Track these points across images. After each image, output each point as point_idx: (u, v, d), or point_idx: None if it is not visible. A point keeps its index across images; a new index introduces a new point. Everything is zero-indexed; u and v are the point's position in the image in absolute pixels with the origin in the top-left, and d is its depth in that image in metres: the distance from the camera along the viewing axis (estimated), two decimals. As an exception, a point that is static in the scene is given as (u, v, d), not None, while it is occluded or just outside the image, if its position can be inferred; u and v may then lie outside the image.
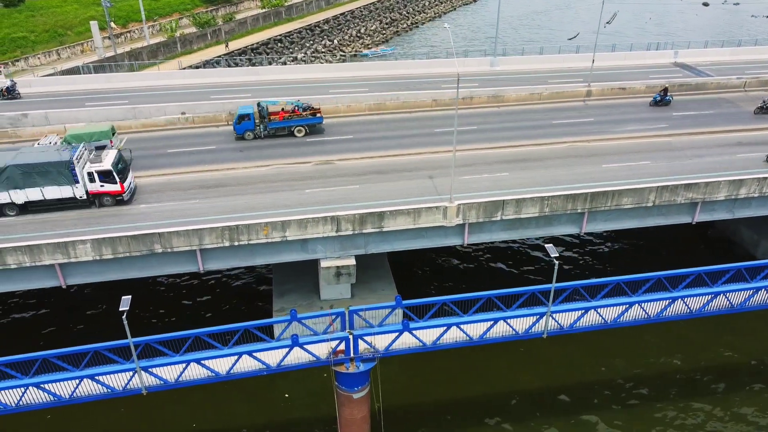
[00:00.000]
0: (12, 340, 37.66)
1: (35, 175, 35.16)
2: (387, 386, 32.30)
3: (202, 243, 33.14)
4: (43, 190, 35.51)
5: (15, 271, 32.65)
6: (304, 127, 45.75)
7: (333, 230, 34.20)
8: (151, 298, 42.01)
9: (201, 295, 42.59)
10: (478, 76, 58.11)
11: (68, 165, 35.31)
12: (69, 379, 27.22)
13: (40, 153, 36.73)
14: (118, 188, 36.39)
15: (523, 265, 45.80)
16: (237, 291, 43.25)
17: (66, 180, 35.55)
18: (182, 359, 27.74)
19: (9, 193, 35.24)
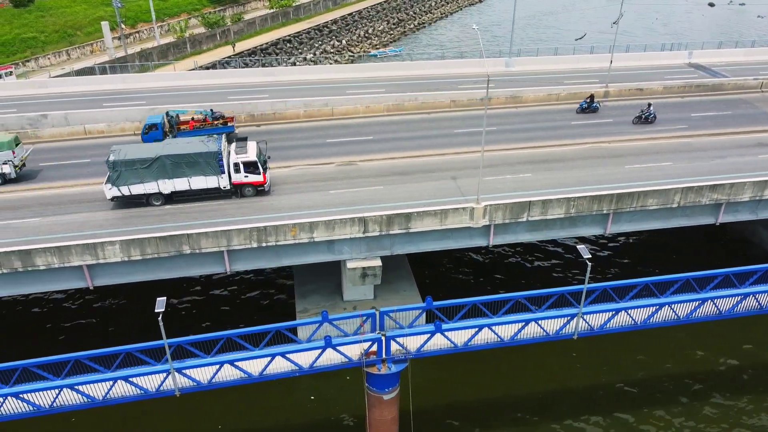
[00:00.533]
0: (41, 342, 37.73)
1: (184, 166, 36.15)
2: (413, 387, 32.27)
3: (231, 244, 33.14)
4: (190, 180, 36.50)
5: (43, 273, 32.64)
6: None
7: (360, 231, 34.20)
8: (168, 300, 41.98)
9: (218, 296, 42.60)
10: (494, 77, 57.89)
11: (216, 156, 36.12)
12: (102, 381, 27.20)
13: (186, 144, 37.64)
14: (260, 179, 37.37)
15: (542, 264, 45.82)
16: (255, 291, 43.19)
17: (212, 170, 36.47)
18: (216, 360, 27.74)
19: (158, 182, 36.18)
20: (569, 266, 45.23)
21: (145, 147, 37.80)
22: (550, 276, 44.27)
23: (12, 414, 27.13)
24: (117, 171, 35.68)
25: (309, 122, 48.78)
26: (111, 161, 35.72)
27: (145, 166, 35.75)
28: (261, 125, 47.87)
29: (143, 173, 35.80)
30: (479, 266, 45.69)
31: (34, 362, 26.90)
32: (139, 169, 35.61)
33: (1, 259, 31.21)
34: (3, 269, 31.52)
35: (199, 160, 36.17)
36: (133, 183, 35.89)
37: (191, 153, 36.18)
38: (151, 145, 38.37)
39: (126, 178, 35.82)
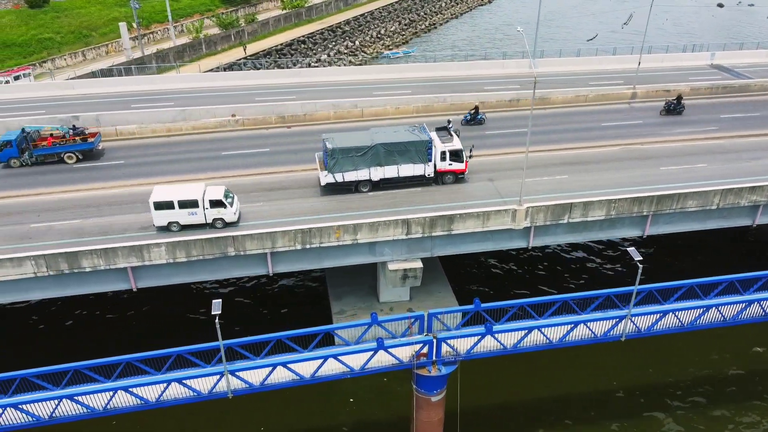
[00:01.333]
0: (82, 345, 37.79)
1: (396, 154, 37.39)
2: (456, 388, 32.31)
3: (275, 246, 33.16)
4: (399, 167, 37.65)
5: (89, 275, 32.66)
6: (75, 154, 42.29)
7: (403, 233, 34.23)
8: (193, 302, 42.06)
9: (245, 299, 42.69)
10: (519, 78, 58.23)
11: (428, 144, 36.99)
12: (157, 383, 27.27)
13: (393, 133, 38.68)
14: (462, 167, 38.69)
15: (572, 265, 45.92)
16: (285, 293, 43.23)
17: (421, 158, 37.62)
18: (269, 362, 27.85)
19: (370, 170, 37.34)
20: (585, 267, 45.44)
21: (355, 136, 38.78)
22: (575, 278, 44.39)
23: (67, 416, 27.18)
24: (334, 158, 36.83)
25: (339, 123, 48.75)
26: (329, 149, 36.75)
27: (360, 154, 36.97)
28: (291, 126, 47.86)
29: (358, 161, 37.03)
30: (509, 267, 45.73)
31: (85, 364, 27.01)
32: (354, 157, 36.79)
33: (49, 261, 31.23)
34: (50, 271, 31.54)
35: (411, 148, 37.42)
36: (348, 170, 37.08)
37: (405, 141, 37.44)
38: (360, 134, 39.28)
39: (342, 166, 36.98)
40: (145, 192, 38.47)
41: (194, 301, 42.04)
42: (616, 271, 45.91)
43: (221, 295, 42.08)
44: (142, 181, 40.02)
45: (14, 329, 39.71)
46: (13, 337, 38.98)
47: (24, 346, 37.83)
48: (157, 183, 39.47)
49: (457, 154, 38.29)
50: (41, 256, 31.11)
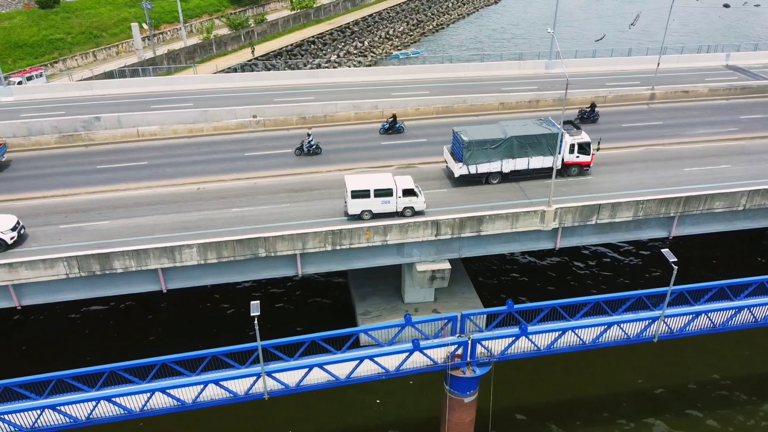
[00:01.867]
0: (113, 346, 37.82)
1: (527, 146, 38.22)
2: (485, 389, 32.32)
3: (305, 247, 33.22)
4: (530, 159, 38.51)
5: (119, 276, 32.72)
6: None
7: (432, 234, 34.30)
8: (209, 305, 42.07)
9: (269, 300, 42.59)
10: (536, 79, 58.31)
11: (559, 137, 37.18)
12: (194, 384, 27.27)
13: (523, 126, 39.53)
14: (588, 159, 39.64)
15: (590, 266, 45.93)
16: (308, 294, 43.16)
17: (550, 151, 38.22)
18: (306, 363, 27.85)
19: (502, 162, 38.12)
20: (605, 267, 45.51)
21: (486, 129, 39.30)
22: (595, 279, 44.38)
23: (105, 417, 27.17)
24: (470, 151, 37.58)
25: (359, 124, 48.84)
26: (466, 141, 37.46)
27: (495, 147, 37.75)
28: (312, 127, 47.86)
29: (491, 153, 37.76)
30: (530, 268, 45.76)
31: (121, 366, 27.01)
32: (488, 149, 37.51)
33: (81, 262, 31.27)
34: (81, 272, 31.57)
35: (543, 141, 38.10)
36: (482, 162, 37.87)
37: (538, 134, 38.16)
38: (490, 126, 40.01)
39: (476, 158, 37.80)
40: (170, 193, 38.77)
41: (208, 302, 41.88)
42: (634, 270, 45.83)
43: (237, 296, 42.01)
44: (167, 182, 40.04)
45: (47, 330, 39.60)
46: (46, 338, 38.88)
47: (57, 348, 37.63)
48: (182, 184, 39.69)
49: (585, 146, 39.26)
50: (73, 258, 31.15)
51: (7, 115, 49.52)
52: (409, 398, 35.91)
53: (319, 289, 43.55)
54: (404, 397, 35.86)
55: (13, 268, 30.76)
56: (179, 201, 37.85)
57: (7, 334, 39.01)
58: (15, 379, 25.90)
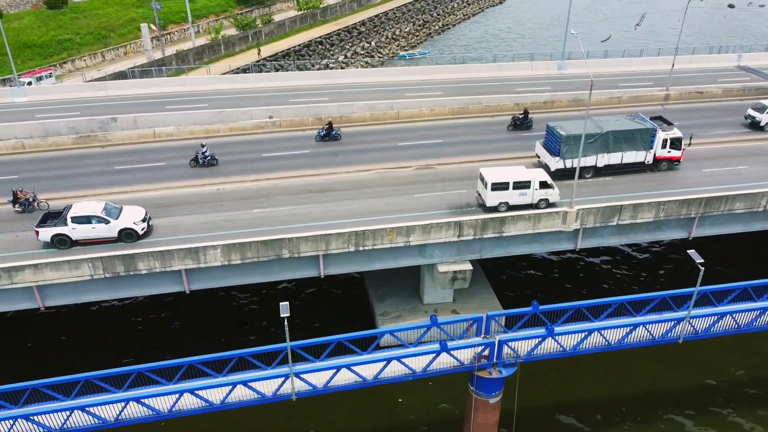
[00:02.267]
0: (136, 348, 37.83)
1: (622, 141, 39.11)
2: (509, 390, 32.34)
3: (329, 248, 33.25)
4: (623, 154, 39.42)
5: (142, 277, 32.73)
6: None
7: (455, 235, 34.34)
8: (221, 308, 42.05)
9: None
10: (549, 80, 58.37)
11: (653, 132, 38.64)
12: (222, 386, 27.27)
13: (615, 121, 40.43)
14: (679, 154, 40.56)
15: (605, 266, 45.96)
16: (324, 295, 43.11)
17: (644, 146, 39.43)
18: (334, 364, 27.87)
19: (597, 156, 39.14)
20: (621, 268, 45.55)
21: (580, 124, 39.19)
22: (612, 279, 44.43)
23: (133, 418, 27.20)
24: (567, 145, 38.33)
25: (375, 125, 48.87)
26: (564, 136, 38.22)
27: (591, 141, 38.16)
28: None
29: (587, 148, 37.90)
30: (545, 267, 45.77)
31: (149, 367, 27.04)
32: (585, 144, 37.32)
33: (105, 263, 31.29)
34: (106, 273, 31.60)
35: (637, 136, 39.09)
36: (577, 156, 37.46)
37: (633, 129, 39.06)
38: (582, 122, 39.80)
39: (573, 152, 38.17)
40: (190, 194, 38.76)
41: (219, 304, 41.81)
42: (649, 269, 45.81)
43: (253, 298, 42.02)
44: (187, 183, 40.06)
45: (68, 331, 39.54)
46: (70, 339, 38.83)
47: (77, 349, 37.58)
48: (202, 185, 39.69)
49: (677, 142, 39.94)
50: (98, 258, 31.18)
51: (22, 115, 49.54)
52: (430, 398, 35.93)
53: (335, 290, 43.53)
54: (426, 396, 35.88)
55: (38, 269, 30.78)
56: (200, 202, 37.87)
57: (30, 335, 38.96)
58: (43, 380, 25.93)
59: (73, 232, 32.59)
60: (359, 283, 43.29)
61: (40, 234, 32.51)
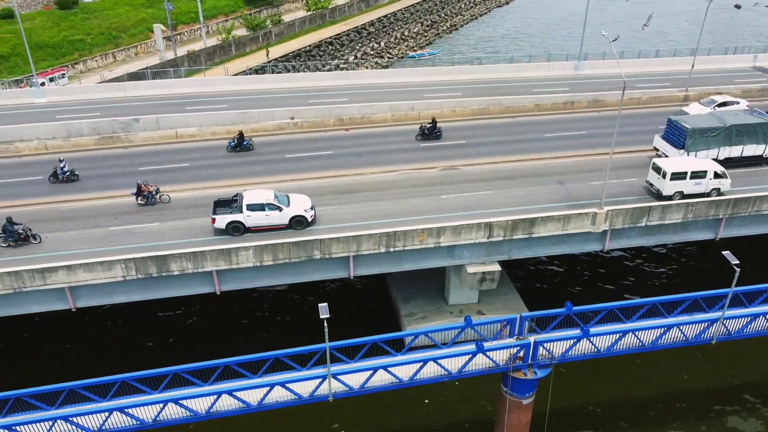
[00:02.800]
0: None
1: (744, 135, 40.10)
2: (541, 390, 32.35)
3: (360, 249, 33.28)
4: (744, 148, 40.59)
5: (174, 278, 32.74)
6: None
7: (485, 236, 34.36)
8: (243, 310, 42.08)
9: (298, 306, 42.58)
10: (566, 80, 58.45)
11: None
12: (261, 387, 27.30)
13: (735, 116, 41.42)
14: None
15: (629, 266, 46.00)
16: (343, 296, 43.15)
17: (764, 139, 40.46)
18: (371, 365, 27.90)
19: (719, 150, 40.32)
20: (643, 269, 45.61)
21: (704, 118, 40.95)
22: (636, 279, 44.47)
23: (171, 420, 27.22)
24: (692, 138, 39.60)
25: (397, 126, 48.91)
26: (689, 129, 39.39)
27: (714, 135, 39.52)
28: (350, 129, 47.99)
29: (711, 141, 39.51)
30: (568, 269, 45.79)
31: (187, 368, 27.06)
32: (708, 137, 39.23)
33: (138, 264, 31.31)
34: (138, 274, 31.62)
35: (758, 129, 40.04)
36: (701, 149, 39.54)
37: (755, 123, 40.05)
38: (706, 116, 41.90)
39: (697, 145, 39.59)
40: (216, 195, 38.57)
41: (238, 305, 41.69)
42: (674, 268, 45.90)
43: (272, 299, 42.05)
44: (212, 184, 40.08)
45: (93, 334, 39.57)
46: (87, 341, 38.90)
47: (111, 351, 37.71)
48: (228, 186, 39.69)
49: None
50: (131, 260, 31.18)
51: (43, 116, 49.55)
52: (458, 399, 35.90)
53: (356, 291, 43.47)
54: (454, 397, 35.87)
55: (72, 270, 30.78)
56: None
57: (64, 336, 38.93)
58: (80, 381, 25.76)
59: (248, 219, 33.96)
60: (378, 285, 43.18)
61: (216, 221, 33.84)
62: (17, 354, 37.45)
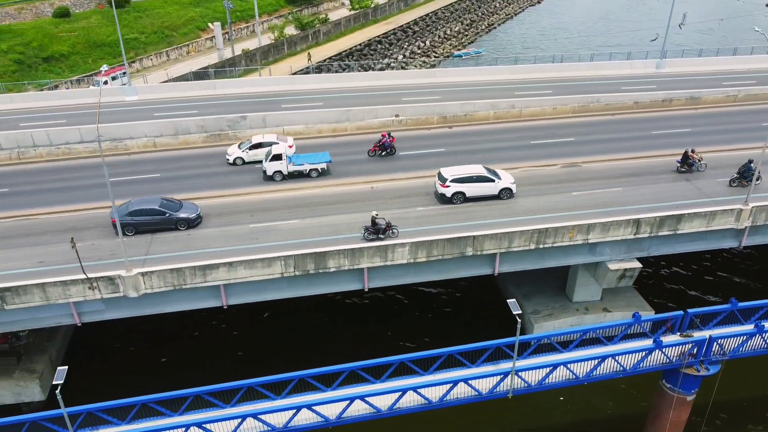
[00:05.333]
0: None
1: None
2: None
3: (510, 246, 33.18)
4: None
5: (325, 275, 32.60)
6: None
7: (632, 233, 34.28)
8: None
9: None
10: (651, 78, 58.39)
11: None
12: (443, 384, 27.15)
13: None
14: None
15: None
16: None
17: None
18: (553, 362, 27.84)
19: None
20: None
21: None
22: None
23: (355, 417, 27.04)
24: None
25: (499, 124, 48.80)
26: None
27: None
28: (453, 126, 47.87)
29: None
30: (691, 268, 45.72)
31: (361, 365, 26.86)
32: None
33: (297, 261, 31.16)
34: (296, 271, 31.47)
35: None
36: None
37: None
38: None
39: None
40: (343, 192, 38.63)
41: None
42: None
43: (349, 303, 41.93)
44: (336, 182, 39.94)
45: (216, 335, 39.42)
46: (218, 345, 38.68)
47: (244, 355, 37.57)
48: (353, 183, 39.57)
49: None
50: (290, 257, 31.04)
51: (141, 114, 49.29)
52: (609, 394, 35.60)
53: (460, 293, 43.11)
54: (607, 392, 35.61)
55: (233, 267, 30.65)
56: (356, 201, 37.65)
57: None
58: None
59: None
60: (478, 286, 42.79)
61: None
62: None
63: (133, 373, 35.16)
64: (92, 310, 31.36)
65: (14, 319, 30.84)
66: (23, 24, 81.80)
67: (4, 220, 35.97)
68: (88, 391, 29.88)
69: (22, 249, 32.96)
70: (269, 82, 56.06)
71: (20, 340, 35.99)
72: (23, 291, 29.21)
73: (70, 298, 29.93)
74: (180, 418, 25.48)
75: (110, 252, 32.34)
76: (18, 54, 74.03)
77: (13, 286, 29.06)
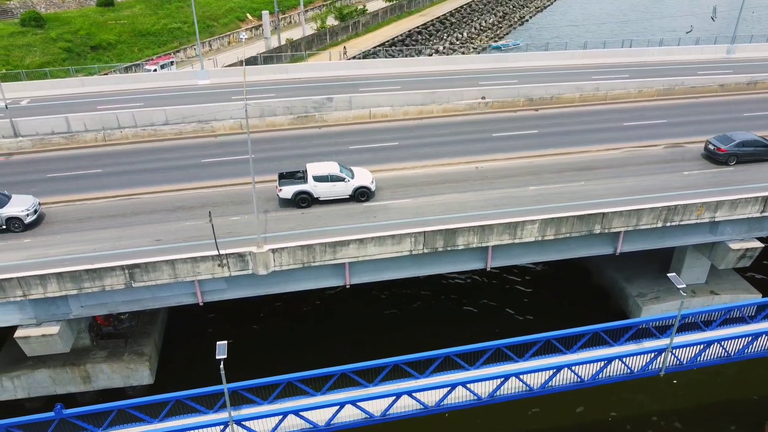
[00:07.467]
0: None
1: None
2: None
3: (639, 223, 32.37)
4: None
5: (447, 254, 31.75)
6: None
7: (759, 211, 33.48)
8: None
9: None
10: (725, 63, 57.71)
11: None
12: (596, 361, 26.38)
13: None
14: None
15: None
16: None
17: None
18: (706, 339, 27.08)
19: None
20: None
21: None
22: None
23: (455, 404, 26.18)
24: None
25: (585, 106, 47.96)
26: None
27: None
28: (539, 109, 47.06)
29: None
30: None
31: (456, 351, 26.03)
32: None
33: (428, 238, 30.32)
34: (425, 249, 30.63)
35: None
36: None
37: None
38: None
39: None
40: (450, 171, 37.71)
41: None
42: None
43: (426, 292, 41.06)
44: (439, 162, 39.04)
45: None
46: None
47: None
48: (457, 164, 38.72)
49: None
50: (420, 233, 30.17)
51: (217, 97, 48.49)
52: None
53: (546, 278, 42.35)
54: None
55: (363, 244, 29.80)
56: (463, 180, 36.75)
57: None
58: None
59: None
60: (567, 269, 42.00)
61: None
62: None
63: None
64: (215, 288, 30.51)
65: (135, 297, 30.00)
66: (70, 12, 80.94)
67: (109, 199, 35.11)
68: (184, 376, 29.26)
69: (137, 227, 32.11)
70: (340, 66, 55.37)
71: (123, 323, 35.18)
72: (152, 268, 28.32)
73: (198, 276, 29.03)
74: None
75: (227, 231, 31.48)
76: (67, 42, 73.16)
77: (143, 263, 28.16)
